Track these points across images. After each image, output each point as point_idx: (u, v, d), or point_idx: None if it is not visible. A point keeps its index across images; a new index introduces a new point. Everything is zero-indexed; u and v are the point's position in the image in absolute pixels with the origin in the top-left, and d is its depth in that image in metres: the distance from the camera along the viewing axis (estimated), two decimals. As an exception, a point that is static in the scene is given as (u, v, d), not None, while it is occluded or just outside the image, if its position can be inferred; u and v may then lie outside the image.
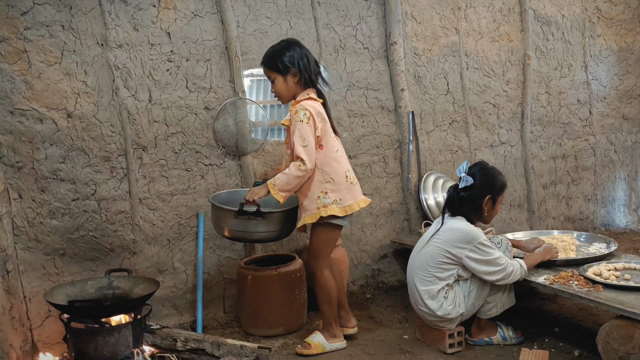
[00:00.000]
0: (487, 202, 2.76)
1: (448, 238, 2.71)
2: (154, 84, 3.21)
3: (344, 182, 2.73)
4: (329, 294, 2.81)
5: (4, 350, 2.53)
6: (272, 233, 2.82)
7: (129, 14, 3.14)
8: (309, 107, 2.63)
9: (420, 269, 2.78)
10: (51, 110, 2.97)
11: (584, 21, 4.68)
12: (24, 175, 2.94)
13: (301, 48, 2.71)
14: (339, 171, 2.72)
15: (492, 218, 2.86)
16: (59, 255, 3.04)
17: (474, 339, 2.86)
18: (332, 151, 2.72)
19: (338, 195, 2.70)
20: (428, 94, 4.05)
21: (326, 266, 2.83)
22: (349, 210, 2.72)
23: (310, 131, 2.61)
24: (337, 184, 2.70)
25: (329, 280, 2.82)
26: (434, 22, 4.05)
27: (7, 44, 2.85)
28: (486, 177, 2.77)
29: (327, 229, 2.77)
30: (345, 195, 2.72)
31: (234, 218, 2.71)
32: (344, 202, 2.71)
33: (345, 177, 2.74)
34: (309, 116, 2.60)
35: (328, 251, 2.84)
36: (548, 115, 4.58)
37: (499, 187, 2.80)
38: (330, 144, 2.71)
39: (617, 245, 3.04)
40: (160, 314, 3.29)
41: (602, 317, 3.08)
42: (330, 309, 2.85)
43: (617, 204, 5.02)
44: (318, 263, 2.82)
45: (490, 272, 2.66)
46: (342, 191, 2.71)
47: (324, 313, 2.87)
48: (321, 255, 2.82)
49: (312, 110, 2.62)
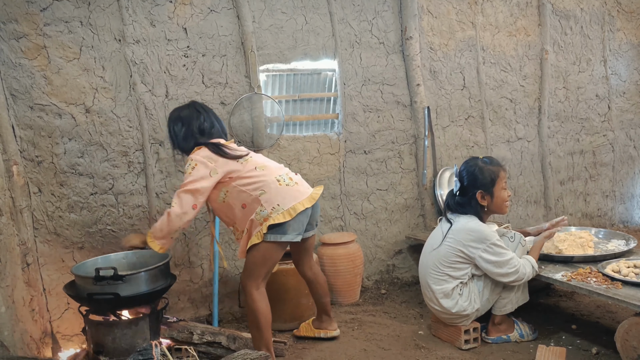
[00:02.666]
0: (484, 196, 2.73)
1: (461, 238, 2.69)
2: (171, 79, 3.24)
3: (277, 187, 2.54)
4: (258, 318, 2.53)
5: (24, 342, 2.58)
6: (142, 294, 2.54)
7: (146, 10, 3.16)
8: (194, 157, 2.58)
9: (433, 268, 2.77)
10: (70, 106, 3.01)
11: (603, 15, 4.61)
12: (43, 170, 2.99)
13: (176, 123, 2.70)
14: (268, 181, 2.55)
15: (501, 207, 2.76)
16: (78, 248, 3.08)
17: (491, 336, 2.84)
18: (251, 171, 2.58)
19: (274, 201, 2.50)
20: (444, 89, 4.02)
21: (256, 287, 2.55)
22: (293, 212, 2.49)
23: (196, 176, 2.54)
24: (269, 193, 2.52)
25: (258, 303, 2.54)
26: (450, 17, 4.02)
27: (27, 39, 2.89)
28: (470, 175, 2.74)
29: (265, 246, 2.51)
30: (284, 198, 2.52)
31: (93, 285, 2.47)
32: (284, 205, 2.50)
33: (277, 181, 2.57)
34: (193, 165, 2.56)
35: (262, 271, 2.54)
36: (566, 111, 4.52)
37: (488, 178, 2.72)
38: (243, 168, 2.59)
39: (636, 242, 3.00)
40: (177, 307, 3.32)
41: (620, 315, 3.04)
42: (259, 334, 2.54)
43: (636, 201, 4.94)
44: (248, 282, 2.55)
45: (503, 273, 2.65)
46: (277, 196, 2.52)
47: (252, 338, 2.60)
48: (253, 275, 2.54)
49: (197, 158, 2.57)
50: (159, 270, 2.64)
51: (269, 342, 2.57)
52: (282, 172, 2.64)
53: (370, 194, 3.84)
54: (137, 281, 2.53)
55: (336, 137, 3.72)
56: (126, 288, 2.50)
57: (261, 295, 2.56)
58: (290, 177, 2.64)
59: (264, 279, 2.59)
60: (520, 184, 4.34)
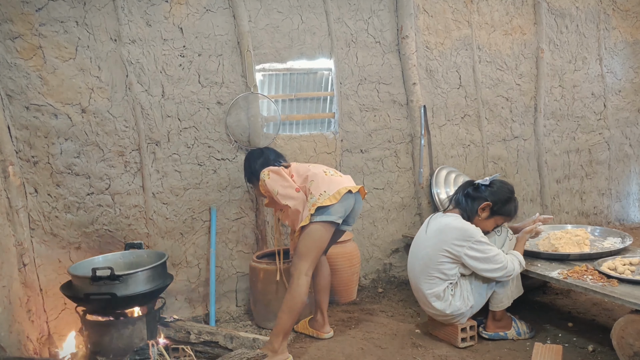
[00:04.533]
0: (485, 208, 2.75)
1: (445, 237, 2.69)
2: (167, 79, 3.23)
3: (324, 177, 2.79)
4: (295, 302, 2.62)
5: (21, 342, 2.57)
6: (139, 294, 2.56)
7: (142, 10, 3.15)
8: (265, 172, 2.88)
9: (422, 272, 2.77)
10: (66, 106, 3.00)
11: (598, 13, 4.62)
12: (39, 170, 2.98)
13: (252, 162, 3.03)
14: (316, 173, 2.81)
15: (483, 229, 2.75)
16: (75, 248, 3.08)
17: (489, 332, 2.85)
18: (304, 169, 2.88)
19: (322, 188, 2.72)
20: (440, 88, 4.03)
21: (306, 271, 2.66)
22: (337, 196, 2.69)
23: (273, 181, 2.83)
24: (317, 181, 2.76)
25: (302, 287, 2.63)
26: (446, 15, 4.02)
27: (23, 40, 2.89)
28: (500, 190, 2.78)
29: (317, 226, 2.67)
30: (329, 186, 2.74)
31: (90, 285, 2.49)
32: (329, 191, 2.71)
33: (324, 172, 2.82)
34: (267, 173, 2.86)
35: (312, 253, 2.67)
36: (562, 109, 4.54)
37: (505, 208, 2.77)
38: (299, 167, 2.92)
39: (632, 239, 3.01)
40: (174, 307, 3.32)
41: (616, 312, 3.05)
42: (289, 318, 2.62)
43: (632, 199, 4.96)
44: (300, 264, 2.66)
45: (490, 269, 2.65)
46: (323, 184, 2.74)
47: (278, 320, 2.63)
48: (304, 257, 2.66)
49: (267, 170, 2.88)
50: (156, 270, 2.65)
51: (288, 331, 2.65)
52: (327, 169, 2.89)
53: (366, 193, 3.84)
54: (134, 281, 2.53)
55: (332, 136, 3.73)
56: (123, 288, 2.50)
57: (306, 282, 2.67)
58: (336, 172, 2.89)
59: (313, 263, 2.71)
60: (517, 183, 4.35)
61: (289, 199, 2.77)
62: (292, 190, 2.79)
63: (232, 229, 3.45)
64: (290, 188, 2.80)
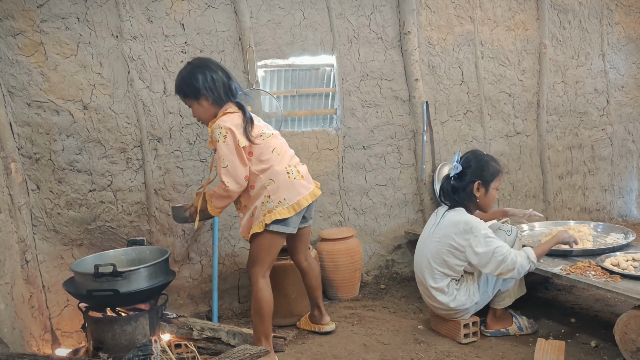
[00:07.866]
0: (479, 187, 2.72)
1: (450, 232, 2.68)
2: (169, 75, 3.23)
3: (285, 179, 2.57)
4: (261, 306, 2.59)
5: (23, 338, 2.58)
6: (142, 291, 2.56)
7: (143, 6, 3.15)
8: (223, 124, 2.50)
9: (427, 266, 2.77)
10: (67, 102, 3.00)
11: (601, 9, 4.60)
12: (41, 167, 2.98)
13: (204, 69, 2.59)
14: (278, 170, 2.57)
15: (489, 205, 2.78)
16: (77, 245, 3.08)
17: (490, 330, 2.85)
18: (267, 152, 2.58)
19: (281, 195, 2.55)
20: (442, 84, 4.02)
21: (262, 275, 2.62)
22: (297, 207, 2.56)
23: (229, 148, 2.49)
24: (278, 184, 2.56)
25: (263, 291, 2.60)
26: (448, 11, 4.01)
27: (24, 36, 2.88)
28: (477, 163, 2.74)
29: (269, 235, 2.58)
30: (290, 193, 2.57)
31: (92, 281, 2.50)
32: (289, 200, 2.56)
33: (287, 173, 2.59)
34: (224, 134, 2.49)
35: (266, 259, 2.62)
36: (564, 105, 4.52)
37: (490, 172, 2.73)
38: (263, 146, 2.58)
39: (635, 235, 3.00)
40: (176, 303, 3.32)
41: (619, 308, 3.05)
42: (262, 322, 2.60)
43: (635, 195, 4.95)
44: (254, 270, 2.62)
45: (492, 262, 2.56)
46: (284, 190, 2.56)
47: (253, 326, 2.64)
48: (258, 263, 2.61)
49: (227, 125, 2.50)
50: (158, 266, 2.65)
51: (268, 332, 2.63)
52: (292, 162, 2.66)
53: (369, 189, 3.84)
54: (136, 277, 2.54)
55: (335, 132, 3.72)
56: (125, 284, 2.50)
57: (266, 284, 2.63)
58: (298, 170, 2.66)
59: (269, 267, 2.65)
60: (519, 179, 4.35)
61: (232, 181, 2.50)
62: (242, 177, 2.53)
63: (234, 226, 3.45)
64: (241, 170, 2.52)
